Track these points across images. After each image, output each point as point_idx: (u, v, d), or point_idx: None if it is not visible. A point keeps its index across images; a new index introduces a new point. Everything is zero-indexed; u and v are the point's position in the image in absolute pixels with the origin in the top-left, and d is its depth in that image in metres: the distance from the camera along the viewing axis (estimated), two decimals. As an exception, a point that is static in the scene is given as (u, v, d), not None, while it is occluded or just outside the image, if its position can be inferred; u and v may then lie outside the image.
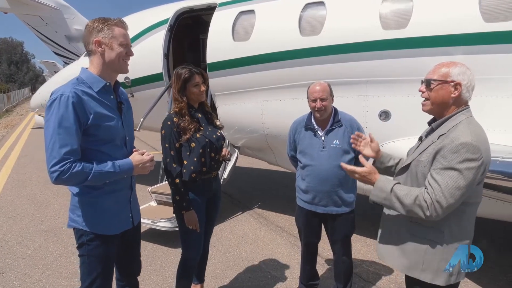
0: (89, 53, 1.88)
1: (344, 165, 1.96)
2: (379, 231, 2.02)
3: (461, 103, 1.74)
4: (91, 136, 1.82)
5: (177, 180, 2.49)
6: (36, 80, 63.94)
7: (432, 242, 1.72)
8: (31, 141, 11.80)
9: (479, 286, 3.29)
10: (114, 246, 2.01)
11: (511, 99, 3.26)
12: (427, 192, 1.64)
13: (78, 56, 15.50)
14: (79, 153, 1.78)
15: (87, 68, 1.92)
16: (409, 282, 1.91)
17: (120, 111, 1.99)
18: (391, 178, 1.92)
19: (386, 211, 1.96)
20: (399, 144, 3.65)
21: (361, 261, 3.80)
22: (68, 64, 14.26)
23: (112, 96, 1.95)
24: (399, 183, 1.80)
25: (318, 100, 2.68)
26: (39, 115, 8.15)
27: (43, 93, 7.30)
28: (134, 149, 2.06)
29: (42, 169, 7.87)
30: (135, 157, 1.97)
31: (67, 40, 17.71)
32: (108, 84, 1.90)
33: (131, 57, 1.96)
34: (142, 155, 2.00)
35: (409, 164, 1.84)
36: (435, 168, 1.65)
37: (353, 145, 2.22)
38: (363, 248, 4.12)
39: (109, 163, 1.85)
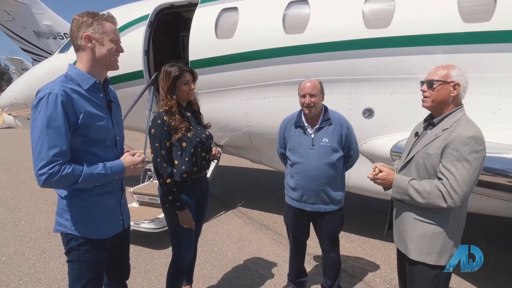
0: (77, 49, 1.80)
1: (369, 176, 2.13)
2: (394, 221, 2.18)
3: (458, 102, 1.94)
4: (81, 136, 1.74)
5: (169, 180, 2.44)
6: (1, 78, 61.17)
7: (438, 227, 1.91)
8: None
9: (475, 286, 3.35)
10: (105, 251, 1.94)
11: (488, 97, 3.39)
12: (442, 183, 1.81)
13: (48, 53, 14.94)
14: (68, 155, 1.69)
15: (74, 64, 1.83)
16: (412, 268, 2.04)
17: (110, 109, 1.91)
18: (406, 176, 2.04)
19: (395, 201, 2.13)
20: (382, 141, 3.72)
21: (346, 257, 3.85)
22: (38, 61, 13.70)
23: (101, 94, 1.87)
24: (414, 178, 1.95)
25: (308, 95, 2.70)
26: (9, 114, 7.74)
27: (14, 91, 6.94)
28: (125, 150, 1.99)
29: (12, 171, 7.53)
30: (126, 158, 1.90)
31: (36, 36, 17.01)
32: (98, 81, 1.82)
33: None
34: (133, 155, 1.93)
35: (412, 157, 1.99)
36: (447, 160, 1.82)
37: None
38: (347, 244, 4.18)
39: (100, 165, 1.78)
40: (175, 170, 2.46)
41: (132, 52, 4.88)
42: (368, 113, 3.82)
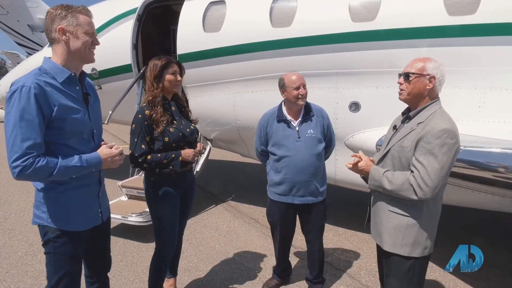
0: (52, 42, 1.80)
1: (348, 164, 2.14)
2: (371, 212, 2.21)
3: (434, 95, 1.94)
4: (56, 129, 1.75)
5: (149, 156, 2.43)
6: (-3, 72, 60.78)
7: (412, 219, 1.93)
8: (-7, 136, 11.24)
9: (472, 286, 3.31)
10: (82, 243, 1.95)
11: (473, 90, 3.40)
12: (413, 176, 1.83)
13: (42, 47, 14.84)
14: (43, 147, 1.70)
15: (50, 57, 1.83)
16: (387, 260, 2.07)
17: (86, 102, 1.91)
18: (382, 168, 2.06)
19: (373, 193, 2.15)
20: (368, 134, 3.73)
21: (333, 250, 3.88)
22: (32, 55, 13.62)
23: (77, 87, 1.87)
24: (389, 170, 1.97)
25: (301, 87, 2.74)
26: (0, 108, 7.72)
27: (5, 85, 6.93)
28: (103, 142, 2.00)
29: (5, 165, 7.50)
30: (103, 151, 1.90)
31: (30, 30, 16.93)
32: (73, 74, 1.82)
33: (98, 48, 1.89)
34: (111, 148, 1.94)
35: (389, 150, 2.01)
36: (420, 153, 1.83)
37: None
38: (335, 237, 4.21)
39: (76, 157, 1.79)
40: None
41: (121, 46, 4.86)
42: (355, 106, 3.83)
